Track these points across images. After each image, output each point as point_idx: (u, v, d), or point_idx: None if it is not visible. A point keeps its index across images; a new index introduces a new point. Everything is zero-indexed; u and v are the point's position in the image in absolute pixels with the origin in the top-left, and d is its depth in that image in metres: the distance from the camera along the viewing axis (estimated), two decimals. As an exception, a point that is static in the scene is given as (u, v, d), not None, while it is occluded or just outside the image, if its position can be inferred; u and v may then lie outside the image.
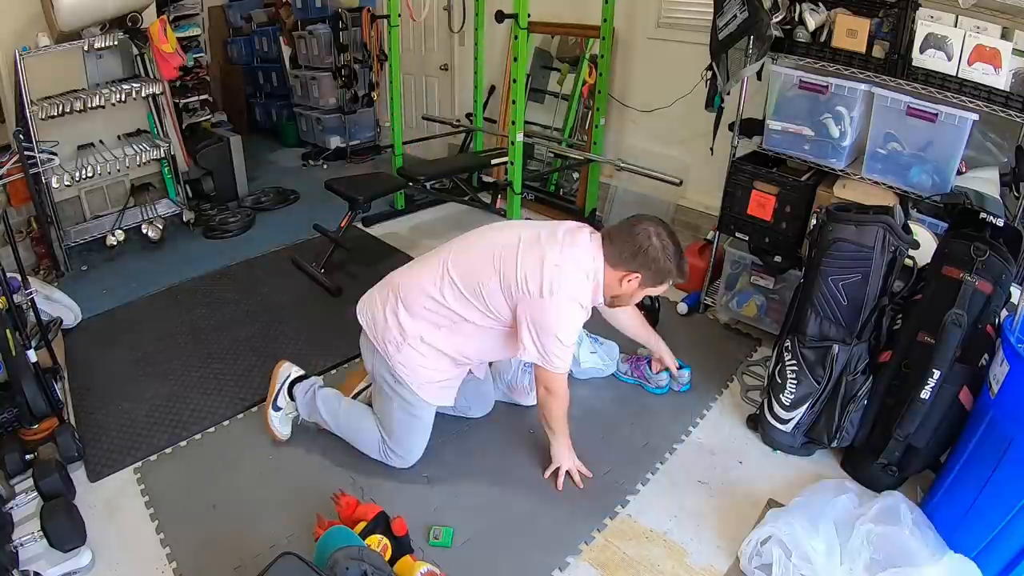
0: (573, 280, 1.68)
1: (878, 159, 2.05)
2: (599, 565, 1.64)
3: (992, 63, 1.75)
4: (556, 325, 1.67)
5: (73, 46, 2.94)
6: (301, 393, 1.99)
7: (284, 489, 1.87)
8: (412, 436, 1.87)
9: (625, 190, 3.41)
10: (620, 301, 1.82)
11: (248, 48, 5.18)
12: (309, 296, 2.91)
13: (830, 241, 1.78)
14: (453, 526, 1.72)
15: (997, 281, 1.61)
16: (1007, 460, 1.43)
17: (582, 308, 1.70)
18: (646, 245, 1.69)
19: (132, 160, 3.22)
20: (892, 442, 1.73)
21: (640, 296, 1.82)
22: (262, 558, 1.51)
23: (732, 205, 2.40)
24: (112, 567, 1.66)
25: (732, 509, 1.79)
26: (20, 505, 1.76)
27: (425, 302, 1.77)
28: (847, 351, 1.81)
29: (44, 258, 3.13)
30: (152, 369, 2.41)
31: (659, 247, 1.69)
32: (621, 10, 3.13)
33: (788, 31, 2.12)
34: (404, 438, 1.86)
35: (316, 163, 4.72)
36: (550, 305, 1.65)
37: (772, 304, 2.46)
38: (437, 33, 4.30)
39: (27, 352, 1.98)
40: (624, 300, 1.82)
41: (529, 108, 3.48)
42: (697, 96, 2.51)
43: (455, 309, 1.75)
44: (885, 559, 1.51)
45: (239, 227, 3.62)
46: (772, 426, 1.96)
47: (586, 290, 1.71)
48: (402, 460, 1.89)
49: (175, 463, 1.99)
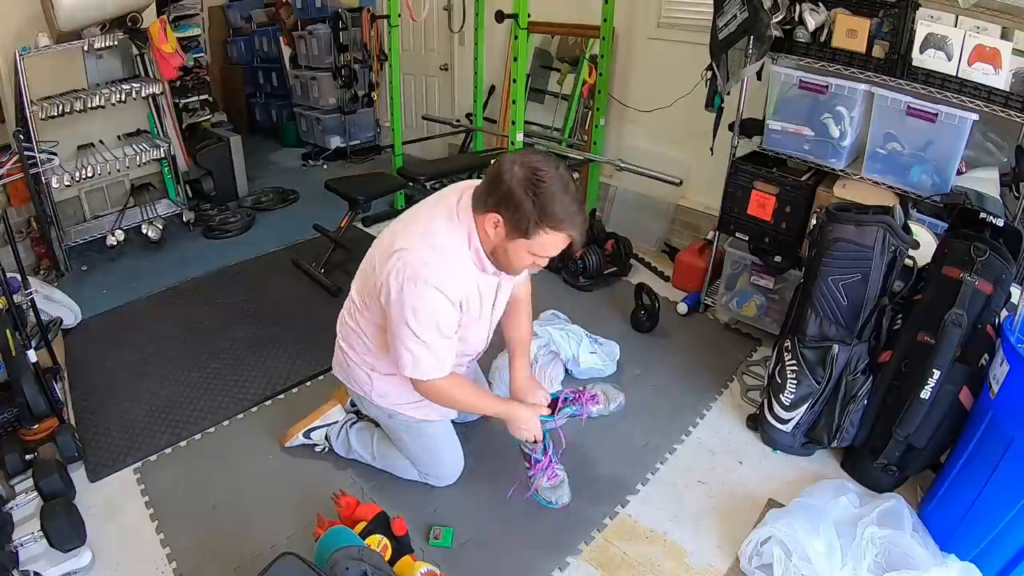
0: (421, 260, 1.42)
1: (878, 159, 2.05)
2: (599, 565, 1.64)
3: (992, 63, 1.75)
4: (408, 316, 1.44)
5: (73, 46, 2.94)
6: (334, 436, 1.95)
7: (284, 489, 1.86)
8: (437, 455, 1.82)
9: (625, 190, 3.41)
10: (503, 261, 1.48)
11: (248, 48, 5.18)
12: (309, 296, 2.91)
13: (830, 241, 1.78)
14: (453, 526, 1.72)
15: (997, 281, 1.61)
16: (1007, 460, 1.43)
17: (439, 292, 1.42)
18: (505, 175, 1.36)
19: (132, 160, 3.22)
20: (892, 442, 1.73)
21: (525, 258, 1.44)
22: (262, 558, 1.51)
23: (732, 205, 2.40)
24: (112, 567, 1.66)
25: (732, 509, 1.79)
26: (20, 505, 1.76)
27: (348, 334, 1.72)
28: (847, 351, 1.81)
29: (44, 258, 3.13)
30: (152, 369, 2.41)
31: (519, 176, 1.34)
32: (621, 10, 3.12)
33: (788, 31, 2.12)
34: (430, 461, 1.81)
35: (316, 163, 4.72)
36: (397, 299, 1.44)
37: (772, 304, 2.46)
38: (437, 33, 4.30)
39: (27, 352, 1.98)
40: (504, 259, 1.47)
41: (529, 108, 3.48)
42: (697, 96, 2.50)
43: (367, 332, 1.65)
44: (888, 562, 1.51)
45: (239, 227, 3.62)
46: (772, 426, 1.96)
47: (449, 265, 1.44)
48: (441, 480, 1.83)
49: (175, 463, 1.99)
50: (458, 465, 1.84)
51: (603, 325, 2.55)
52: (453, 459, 1.83)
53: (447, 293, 1.44)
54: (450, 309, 1.47)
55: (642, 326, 2.58)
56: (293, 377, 2.34)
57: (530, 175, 1.35)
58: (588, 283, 2.89)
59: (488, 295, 1.62)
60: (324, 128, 4.74)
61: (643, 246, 3.24)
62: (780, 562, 1.50)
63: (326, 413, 1.98)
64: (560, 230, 1.38)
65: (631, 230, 3.21)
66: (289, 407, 2.18)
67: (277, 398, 2.25)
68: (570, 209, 1.37)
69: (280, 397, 2.26)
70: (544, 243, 1.40)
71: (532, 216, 1.35)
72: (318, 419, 1.98)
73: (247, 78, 5.38)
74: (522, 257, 1.45)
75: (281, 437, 2.01)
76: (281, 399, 2.25)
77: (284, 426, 2.03)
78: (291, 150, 5.03)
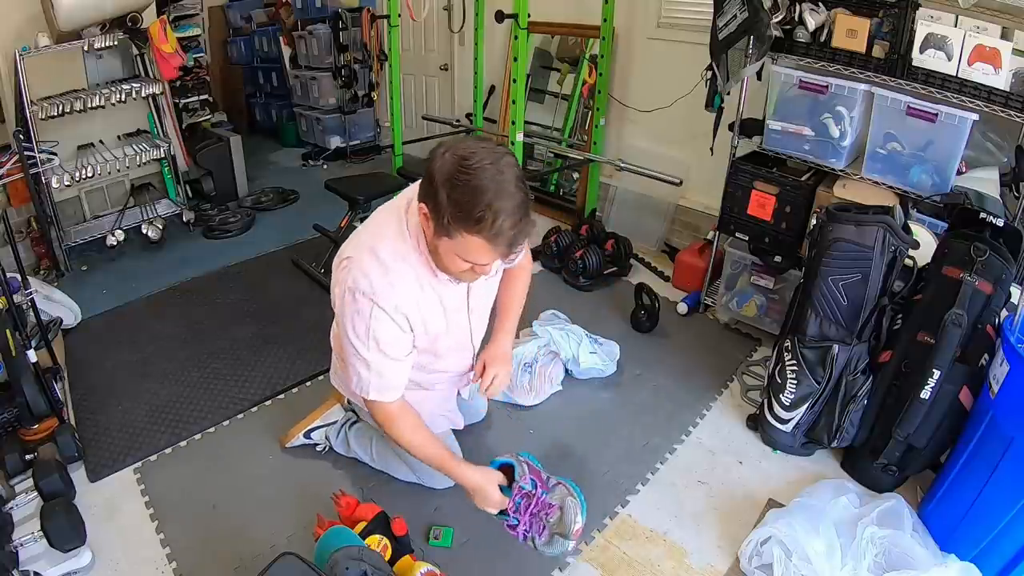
0: (362, 271, 1.31)
1: (878, 159, 2.05)
2: (599, 565, 1.64)
3: (992, 63, 1.75)
4: (349, 330, 1.35)
5: (73, 46, 2.94)
6: (333, 435, 1.94)
7: (284, 489, 1.86)
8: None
9: (625, 190, 3.41)
10: (440, 264, 1.32)
11: (248, 48, 5.18)
12: (309, 296, 2.91)
13: (830, 241, 1.78)
14: (453, 526, 1.72)
15: (997, 281, 1.61)
16: (1007, 460, 1.43)
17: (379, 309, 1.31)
18: (434, 163, 1.19)
19: (132, 160, 3.22)
20: (892, 442, 1.73)
21: (457, 262, 1.26)
22: (262, 558, 1.51)
23: (732, 205, 2.40)
24: (112, 567, 1.66)
25: (732, 509, 1.79)
26: (20, 505, 1.76)
27: (336, 345, 1.66)
28: (847, 351, 1.81)
29: (44, 258, 3.12)
30: (152, 369, 2.41)
31: (446, 165, 1.17)
32: (621, 10, 3.12)
33: (788, 31, 2.12)
34: (426, 469, 1.76)
35: (316, 163, 4.72)
36: (340, 311, 1.35)
37: (772, 304, 2.46)
38: (437, 33, 4.30)
39: (27, 352, 1.98)
40: (439, 261, 1.30)
41: (529, 108, 3.48)
42: (697, 96, 2.50)
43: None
44: (888, 562, 1.51)
45: (239, 227, 3.62)
46: (772, 426, 1.96)
47: (391, 278, 1.32)
48: (438, 484, 1.80)
49: (175, 463, 1.99)
50: None
51: (603, 325, 2.55)
52: None
53: (387, 310, 1.31)
54: (392, 328, 1.34)
55: (642, 326, 2.58)
56: (293, 377, 2.34)
57: (455, 164, 1.16)
58: (588, 283, 2.89)
59: (455, 303, 1.50)
60: (324, 128, 4.74)
61: (643, 246, 3.24)
62: (780, 562, 1.50)
63: (326, 413, 1.98)
64: (476, 234, 1.16)
65: (631, 230, 3.21)
66: (289, 407, 2.18)
67: (277, 398, 2.25)
68: (494, 209, 1.13)
69: (280, 397, 2.26)
70: (468, 247, 1.20)
71: (447, 213, 1.17)
72: (318, 419, 1.98)
73: (247, 78, 5.37)
74: (454, 261, 1.26)
75: (282, 437, 2.00)
76: (281, 399, 2.25)
77: (284, 426, 2.03)
78: (291, 150, 5.03)
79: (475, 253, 1.21)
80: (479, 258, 1.23)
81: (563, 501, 1.47)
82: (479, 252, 1.21)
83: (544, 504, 1.48)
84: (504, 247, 1.19)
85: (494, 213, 1.13)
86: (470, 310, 1.58)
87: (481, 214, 1.13)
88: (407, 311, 1.36)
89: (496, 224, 1.14)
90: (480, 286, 1.53)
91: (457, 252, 1.23)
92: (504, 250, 1.20)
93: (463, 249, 1.21)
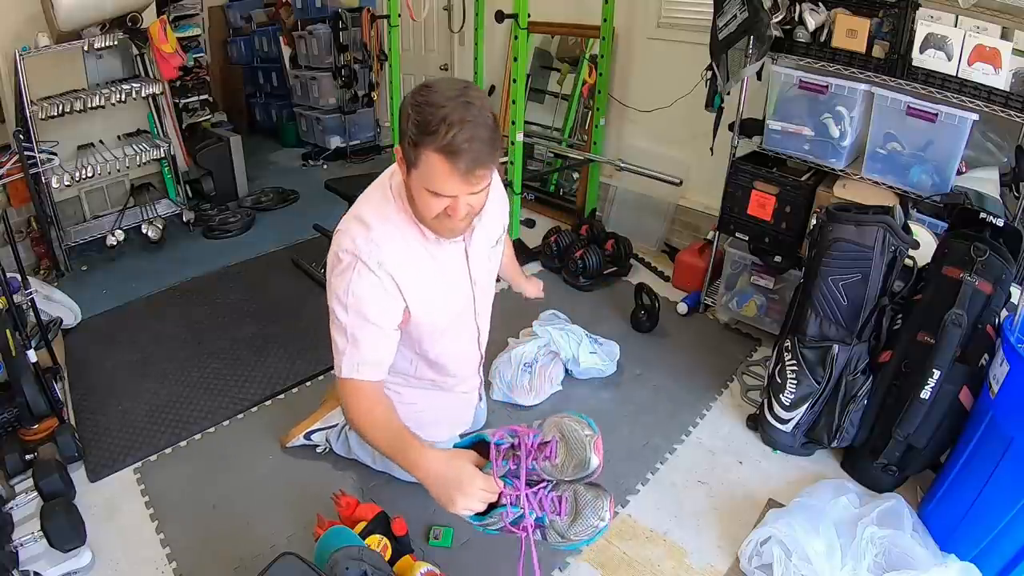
0: (348, 235, 1.33)
1: (878, 159, 2.05)
2: (599, 565, 1.64)
3: (992, 63, 1.75)
4: (331, 298, 1.33)
5: (73, 46, 2.94)
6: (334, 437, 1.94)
7: (284, 489, 1.86)
8: None
9: (625, 190, 3.41)
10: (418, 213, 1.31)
11: (248, 48, 5.18)
12: (309, 296, 2.90)
13: (830, 241, 1.78)
14: (453, 526, 1.72)
15: (997, 281, 1.61)
16: (1007, 460, 1.43)
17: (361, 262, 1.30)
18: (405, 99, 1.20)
19: (132, 160, 3.23)
20: (892, 442, 1.73)
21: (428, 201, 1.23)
22: (262, 558, 1.51)
23: (732, 205, 2.40)
24: (112, 567, 1.66)
25: (732, 509, 1.79)
26: (20, 505, 1.76)
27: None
28: (847, 351, 1.81)
29: (44, 258, 3.13)
30: (152, 369, 2.41)
31: (413, 91, 1.20)
32: (621, 10, 3.12)
33: (788, 31, 2.12)
34: None
35: (316, 163, 4.72)
36: (328, 282, 1.34)
37: (772, 304, 2.46)
38: (437, 33, 4.29)
39: (27, 352, 1.98)
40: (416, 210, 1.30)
41: (529, 108, 3.48)
42: (697, 96, 2.50)
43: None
44: (888, 562, 1.51)
45: (239, 227, 3.62)
46: (772, 426, 1.96)
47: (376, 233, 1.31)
48: None
49: (175, 463, 1.99)
50: None
51: (603, 325, 2.55)
52: None
53: (370, 265, 1.29)
54: (374, 286, 1.30)
55: (642, 326, 2.58)
56: (293, 377, 2.34)
57: (418, 88, 1.17)
58: (588, 283, 2.89)
59: (454, 267, 1.47)
60: (324, 128, 4.74)
61: (643, 246, 3.24)
62: (780, 562, 1.50)
63: (326, 416, 1.98)
64: (434, 150, 1.14)
65: (631, 230, 3.21)
66: (289, 407, 2.19)
67: (277, 398, 2.25)
68: (449, 120, 1.11)
69: (280, 397, 2.26)
70: (430, 172, 1.17)
71: (409, 137, 1.17)
72: (318, 421, 1.98)
73: (247, 78, 5.37)
74: (425, 200, 1.23)
75: (283, 437, 2.01)
76: (281, 399, 2.25)
77: (284, 426, 2.03)
78: (291, 150, 5.03)
79: (437, 178, 1.18)
80: (443, 185, 1.19)
81: (560, 427, 1.12)
82: (440, 176, 1.17)
83: (535, 446, 1.09)
84: (463, 165, 1.15)
85: (448, 124, 1.12)
86: (473, 282, 1.54)
87: (436, 127, 1.12)
88: (392, 270, 1.33)
89: (450, 135, 1.12)
90: (480, 252, 1.51)
91: (424, 184, 1.21)
92: (463, 169, 1.15)
93: (427, 176, 1.19)
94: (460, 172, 1.16)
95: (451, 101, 1.13)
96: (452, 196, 1.22)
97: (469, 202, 1.24)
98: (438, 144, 1.13)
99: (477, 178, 1.19)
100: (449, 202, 1.23)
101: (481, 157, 1.16)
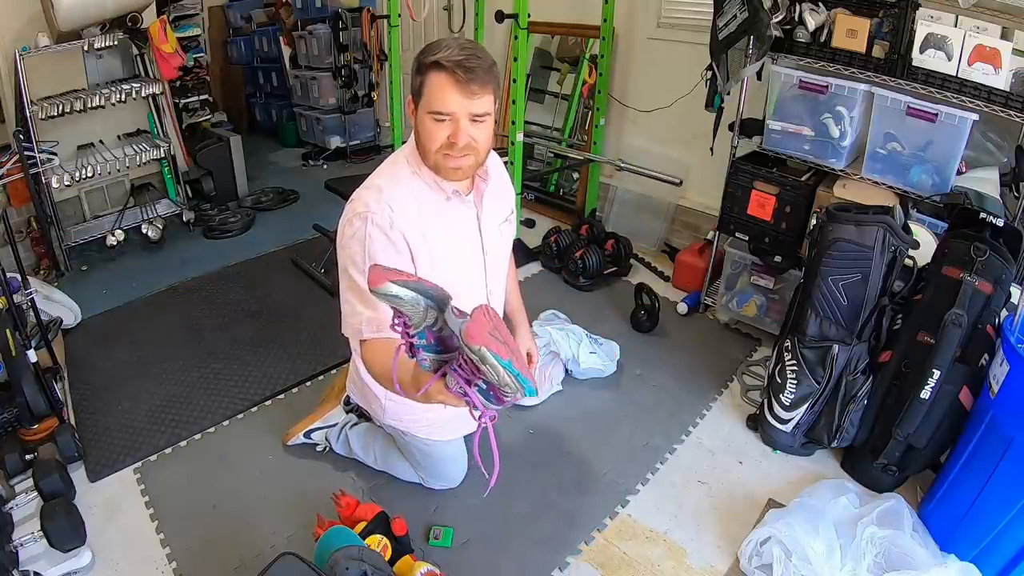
0: (358, 199, 1.37)
1: (878, 159, 2.05)
2: (599, 565, 1.64)
3: (992, 63, 1.75)
4: (345, 260, 1.36)
5: (73, 46, 2.93)
6: (334, 437, 1.94)
7: (284, 489, 1.86)
8: (444, 466, 1.79)
9: (625, 190, 3.41)
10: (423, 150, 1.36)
11: (248, 48, 5.17)
12: (309, 296, 2.91)
13: (830, 241, 1.78)
14: (453, 526, 1.72)
15: (997, 281, 1.61)
16: (1007, 460, 1.43)
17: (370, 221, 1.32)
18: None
19: (132, 160, 3.22)
20: (892, 442, 1.73)
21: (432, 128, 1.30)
22: (262, 558, 1.51)
23: (732, 205, 2.40)
24: (112, 567, 1.66)
25: (732, 509, 1.79)
26: (20, 505, 1.76)
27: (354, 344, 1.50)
28: (847, 351, 1.81)
29: (44, 258, 3.12)
30: (152, 369, 2.41)
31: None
32: (621, 10, 3.12)
33: (788, 31, 2.12)
34: (436, 470, 1.80)
35: (316, 163, 4.72)
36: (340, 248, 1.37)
37: (772, 304, 2.46)
38: (437, 33, 4.29)
39: (27, 352, 1.98)
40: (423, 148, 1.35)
41: (529, 108, 3.47)
42: (697, 96, 2.50)
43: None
44: (888, 562, 1.51)
45: (239, 227, 3.62)
46: (772, 426, 1.96)
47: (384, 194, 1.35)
48: (443, 485, 1.82)
49: (175, 463, 1.99)
50: (462, 475, 1.83)
51: (603, 325, 2.55)
52: (459, 473, 1.82)
53: (382, 226, 1.32)
54: (387, 246, 1.33)
55: (642, 326, 2.58)
56: (293, 377, 2.34)
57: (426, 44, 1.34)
58: (588, 283, 2.89)
59: (465, 228, 1.47)
60: (324, 128, 4.74)
61: (643, 246, 3.24)
62: (780, 562, 1.50)
63: (326, 415, 1.98)
64: (432, 68, 1.27)
65: (631, 230, 3.21)
66: (289, 407, 2.19)
67: (277, 398, 2.25)
68: (446, 43, 1.28)
69: (280, 397, 2.26)
70: (431, 92, 1.27)
71: (415, 67, 1.30)
72: (318, 420, 1.98)
73: (247, 78, 5.37)
74: (429, 130, 1.31)
75: (284, 435, 2.01)
76: (281, 399, 2.25)
77: (284, 426, 2.03)
78: (291, 150, 5.03)
79: (437, 93, 1.27)
80: (443, 99, 1.27)
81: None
82: (440, 89, 1.26)
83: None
84: (461, 73, 1.24)
85: (447, 46, 1.27)
86: (485, 252, 1.55)
87: (437, 49, 1.27)
88: (404, 228, 1.36)
89: (449, 51, 1.25)
90: (491, 221, 1.54)
91: (427, 108, 1.29)
92: (461, 78, 1.24)
93: (428, 98, 1.28)
94: (458, 82, 1.25)
95: (452, 40, 1.29)
96: (452, 113, 1.29)
97: (471, 133, 1.31)
98: (438, 58, 1.25)
99: (474, 93, 1.27)
100: (451, 128, 1.30)
101: (478, 73, 1.26)
